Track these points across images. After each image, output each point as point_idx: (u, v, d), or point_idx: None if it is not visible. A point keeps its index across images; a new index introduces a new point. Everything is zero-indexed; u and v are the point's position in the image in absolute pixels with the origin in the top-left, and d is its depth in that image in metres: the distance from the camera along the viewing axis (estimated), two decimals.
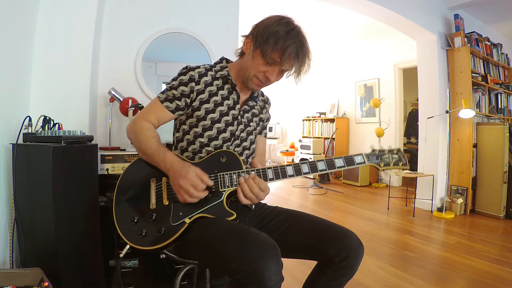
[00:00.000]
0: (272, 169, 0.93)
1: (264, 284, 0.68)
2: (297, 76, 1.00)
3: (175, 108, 1.02)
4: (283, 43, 0.91)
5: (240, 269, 0.70)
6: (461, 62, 3.39)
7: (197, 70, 1.02)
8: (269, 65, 0.96)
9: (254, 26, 1.00)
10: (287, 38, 0.91)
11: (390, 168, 0.99)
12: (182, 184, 0.86)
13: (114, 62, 1.95)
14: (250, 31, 1.01)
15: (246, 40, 1.02)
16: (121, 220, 0.93)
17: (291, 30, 0.93)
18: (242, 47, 1.04)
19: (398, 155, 0.99)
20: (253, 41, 0.97)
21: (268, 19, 0.97)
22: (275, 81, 1.02)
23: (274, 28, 0.93)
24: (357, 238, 0.91)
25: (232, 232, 0.80)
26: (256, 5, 3.57)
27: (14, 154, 1.20)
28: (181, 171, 0.88)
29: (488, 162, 3.29)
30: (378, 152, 0.99)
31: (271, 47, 0.92)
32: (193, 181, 0.87)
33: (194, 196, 0.87)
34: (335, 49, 5.69)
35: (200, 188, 0.88)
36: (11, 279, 0.97)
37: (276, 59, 0.94)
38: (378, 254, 2.19)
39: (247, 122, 1.09)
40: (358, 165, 0.96)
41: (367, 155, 0.98)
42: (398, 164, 0.99)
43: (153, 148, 0.94)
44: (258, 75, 0.99)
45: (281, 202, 3.81)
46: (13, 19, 1.31)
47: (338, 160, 0.95)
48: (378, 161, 0.98)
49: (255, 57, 0.97)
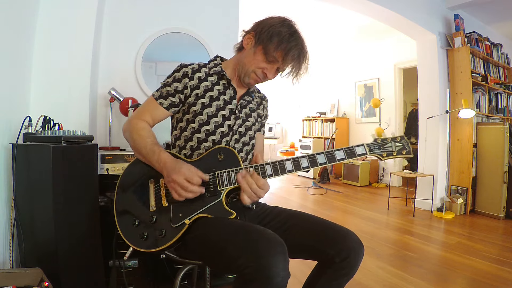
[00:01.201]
0: (270, 165, 0.92)
1: (271, 279, 0.68)
2: (295, 77, 1.02)
3: (169, 105, 1.02)
4: (286, 44, 0.95)
5: (247, 265, 0.70)
6: (461, 62, 3.39)
7: (191, 66, 1.04)
8: (269, 63, 0.99)
9: (257, 23, 1.02)
10: (290, 39, 0.96)
11: (393, 158, 0.95)
12: (175, 179, 0.86)
13: (114, 62, 1.95)
14: (252, 27, 1.03)
15: (247, 35, 1.03)
16: (123, 223, 0.93)
17: (294, 33, 0.97)
18: (241, 42, 1.06)
19: (402, 142, 0.95)
20: (256, 38, 0.99)
21: (272, 19, 1.00)
22: (271, 78, 1.05)
23: (278, 28, 0.96)
24: (357, 238, 0.91)
25: (239, 229, 0.81)
26: (256, 5, 3.57)
27: (14, 154, 1.20)
28: (174, 166, 0.88)
29: (488, 162, 3.29)
30: (381, 141, 0.96)
31: (275, 46, 0.96)
32: (186, 175, 0.86)
33: (188, 189, 0.86)
34: (335, 49, 5.69)
35: (194, 180, 0.87)
36: (11, 279, 0.97)
37: (278, 58, 0.97)
38: (378, 254, 2.19)
39: (245, 117, 1.09)
40: (360, 156, 0.93)
41: (369, 145, 0.95)
42: (401, 153, 0.95)
43: (148, 148, 0.94)
44: (256, 71, 1.01)
45: (281, 202, 3.81)
46: (13, 19, 1.31)
47: (339, 152, 0.92)
48: (380, 151, 0.95)
49: (256, 53, 0.99)
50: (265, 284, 0.68)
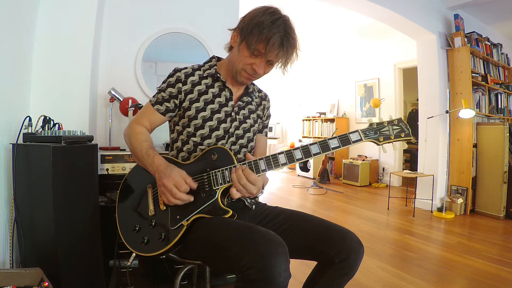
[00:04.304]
0: (264, 160, 0.90)
1: (273, 279, 0.68)
2: (284, 67, 0.97)
3: (165, 110, 1.02)
4: (267, 33, 0.88)
5: (250, 266, 0.70)
6: (461, 62, 3.39)
7: (184, 71, 1.03)
8: (255, 57, 0.94)
9: (241, 18, 0.98)
10: (272, 27, 0.88)
11: (391, 141, 0.89)
12: (165, 183, 0.86)
13: (114, 62, 1.95)
14: (237, 24, 1.00)
15: (233, 33, 1.01)
16: (124, 229, 0.95)
17: (276, 20, 0.90)
18: (230, 41, 1.04)
19: (400, 125, 0.89)
20: (239, 34, 0.96)
21: (254, 11, 0.95)
22: (264, 73, 1.00)
23: (259, 18, 0.91)
24: (357, 238, 0.91)
25: (241, 230, 0.80)
26: (256, 5, 3.57)
27: (14, 154, 1.20)
28: (165, 171, 0.88)
29: (488, 162, 3.29)
30: (376, 126, 0.90)
31: (256, 38, 0.90)
32: (175, 181, 0.86)
33: (177, 196, 0.86)
34: (335, 49, 5.68)
35: (183, 188, 0.86)
36: (11, 279, 0.98)
37: (261, 50, 0.91)
38: (378, 254, 2.19)
39: (242, 119, 1.07)
40: (355, 143, 0.88)
41: (364, 130, 0.89)
42: (400, 136, 0.88)
43: (144, 151, 0.95)
44: (245, 68, 0.97)
45: (281, 202, 3.81)
46: (13, 19, 1.31)
47: (332, 141, 0.88)
48: (377, 135, 0.89)
49: (241, 50, 0.96)
50: (268, 284, 0.69)
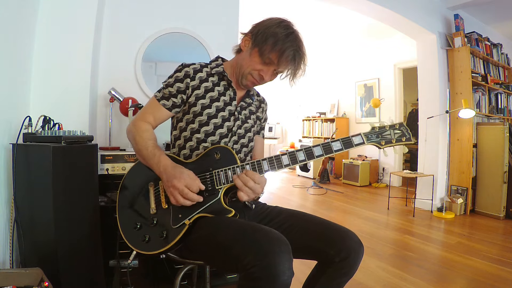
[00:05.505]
0: (267, 160, 0.92)
1: (277, 277, 0.69)
2: (292, 79, 1.01)
3: (171, 106, 1.02)
4: (281, 45, 0.94)
5: (253, 264, 0.70)
6: (461, 62, 3.39)
7: (192, 66, 1.04)
8: (265, 65, 0.99)
9: (255, 25, 1.02)
10: (286, 40, 0.94)
11: (392, 145, 0.92)
12: (176, 185, 0.87)
13: (114, 62, 1.95)
14: (249, 29, 1.03)
15: (245, 37, 1.04)
16: (125, 226, 0.95)
17: (290, 34, 0.96)
18: (240, 44, 1.06)
19: (401, 129, 0.93)
20: (252, 39, 1.00)
21: (269, 20, 0.99)
22: (269, 81, 1.04)
23: (274, 29, 0.95)
24: (357, 238, 0.91)
25: (244, 229, 0.81)
26: (256, 5, 3.57)
27: (14, 154, 1.20)
28: (175, 173, 0.89)
29: (488, 162, 3.29)
30: (378, 130, 0.93)
31: (270, 48, 0.95)
32: (187, 182, 0.87)
33: (188, 197, 0.87)
34: (335, 49, 5.69)
35: (194, 188, 0.88)
36: (11, 279, 0.97)
37: (273, 60, 0.96)
38: (378, 254, 2.19)
39: (244, 119, 1.09)
40: (357, 146, 0.91)
41: (366, 134, 0.92)
42: (401, 140, 0.92)
43: (149, 150, 0.95)
44: (253, 73, 1.01)
45: (281, 202, 3.81)
46: (13, 19, 1.31)
47: (335, 143, 0.90)
48: (379, 139, 0.92)
49: (252, 55, 0.99)
50: (271, 282, 0.69)
